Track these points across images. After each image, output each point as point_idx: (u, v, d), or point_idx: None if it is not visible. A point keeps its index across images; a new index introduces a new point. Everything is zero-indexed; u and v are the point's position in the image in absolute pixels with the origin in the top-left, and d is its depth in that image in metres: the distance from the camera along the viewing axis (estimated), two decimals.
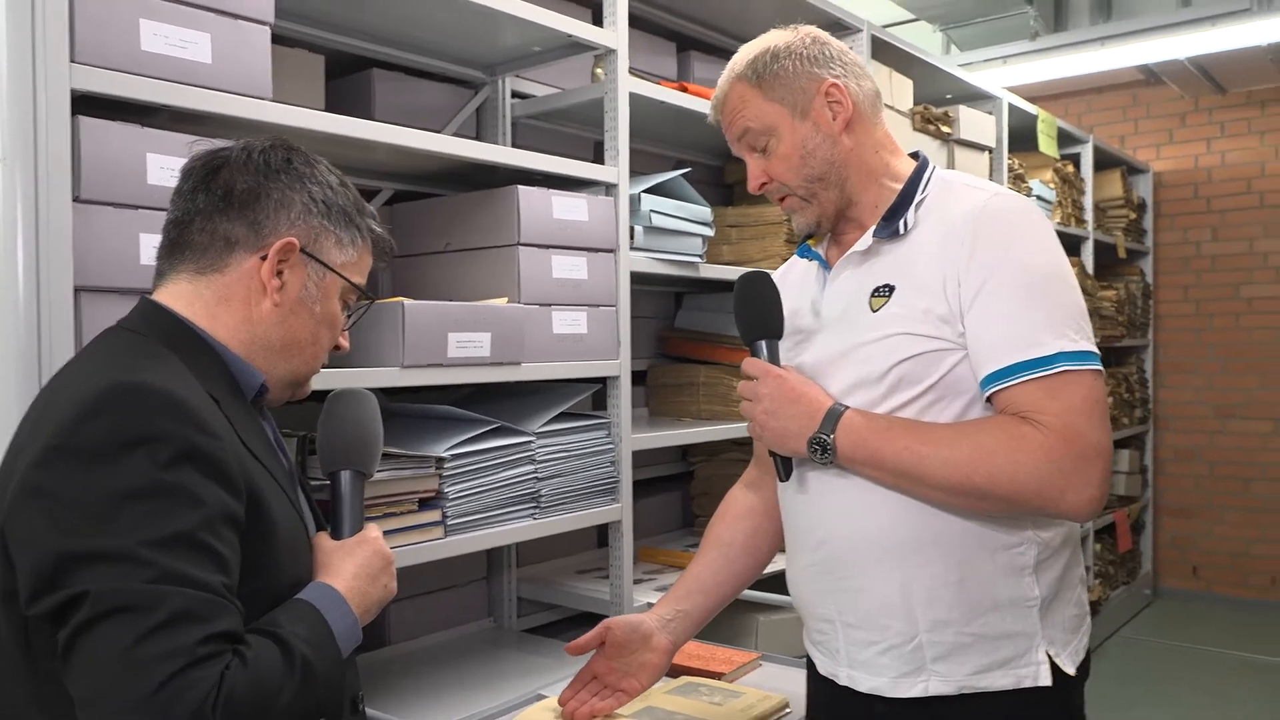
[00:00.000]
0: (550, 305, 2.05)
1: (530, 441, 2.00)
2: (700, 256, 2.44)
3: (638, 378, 2.86)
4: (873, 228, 1.42)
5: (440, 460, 1.83)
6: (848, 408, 1.35)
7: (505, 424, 1.98)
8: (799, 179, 1.43)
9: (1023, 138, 4.25)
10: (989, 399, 1.32)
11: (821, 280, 1.49)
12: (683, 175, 2.41)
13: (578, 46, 2.19)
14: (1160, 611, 5.56)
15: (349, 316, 1.25)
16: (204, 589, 0.93)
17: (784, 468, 1.43)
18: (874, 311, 1.38)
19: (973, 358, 1.32)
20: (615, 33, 2.19)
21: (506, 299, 1.97)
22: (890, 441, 1.31)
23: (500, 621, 2.45)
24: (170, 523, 0.93)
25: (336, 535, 1.22)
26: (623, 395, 2.21)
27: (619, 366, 2.20)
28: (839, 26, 2.99)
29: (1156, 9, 4.35)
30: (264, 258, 1.13)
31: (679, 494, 3.05)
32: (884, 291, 1.38)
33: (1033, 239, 1.35)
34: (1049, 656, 1.34)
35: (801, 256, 1.56)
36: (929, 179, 1.44)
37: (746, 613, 2.70)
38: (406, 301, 1.75)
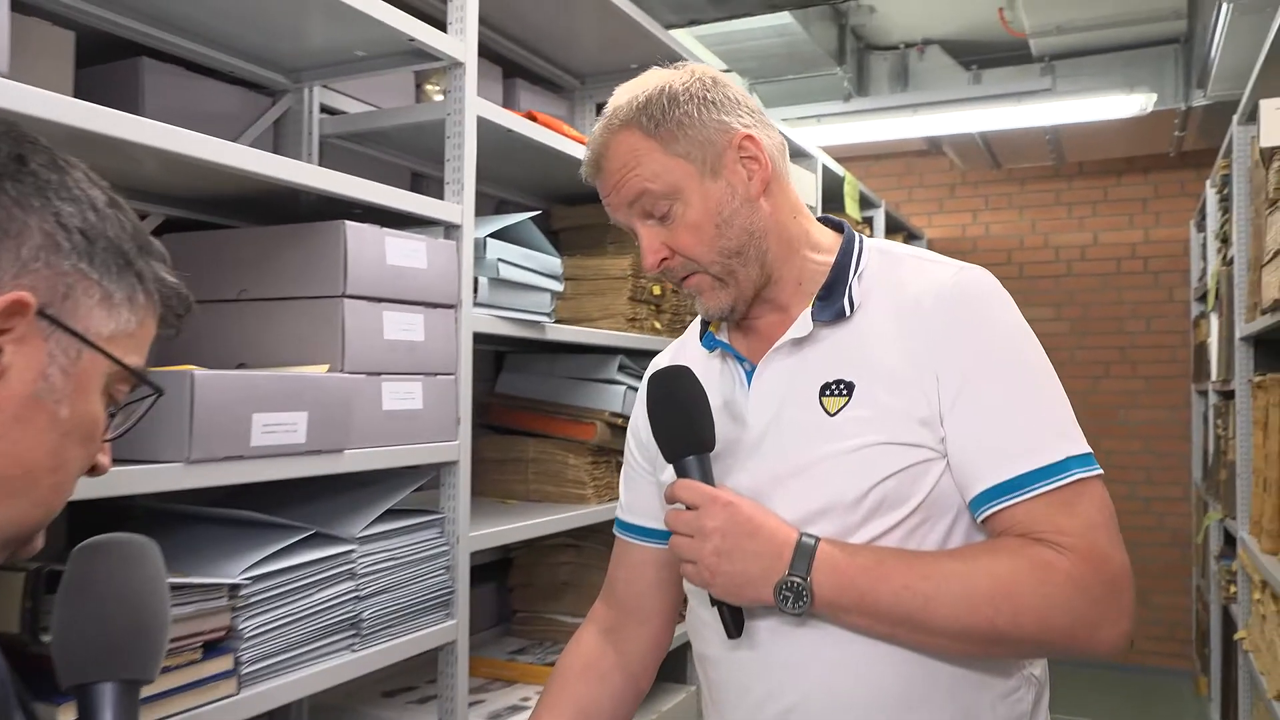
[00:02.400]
0: (380, 375, 1.60)
1: (351, 551, 1.54)
2: (549, 315, 2.06)
3: None
4: (808, 309, 1.13)
5: (235, 588, 1.34)
6: (818, 539, 1.05)
7: (319, 529, 1.51)
8: (713, 253, 1.13)
9: (827, 198, 4.21)
10: (983, 520, 1.07)
11: (736, 377, 1.19)
12: (530, 218, 2.03)
13: (416, 55, 1.77)
14: None
15: (113, 418, 0.78)
16: None
17: (735, 622, 1.09)
18: (831, 415, 1.09)
19: (960, 469, 1.07)
20: (464, 43, 1.79)
21: (328, 367, 1.51)
22: (883, 581, 1.03)
23: None
24: None
25: None
26: (460, 485, 1.78)
27: (458, 449, 1.77)
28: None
29: (947, 83, 4.49)
30: None
31: (493, 585, 2.62)
32: (840, 389, 1.10)
33: (1013, 323, 1.13)
34: None
35: (708, 348, 1.23)
36: (861, 247, 1.18)
37: None
38: (196, 371, 1.27)
